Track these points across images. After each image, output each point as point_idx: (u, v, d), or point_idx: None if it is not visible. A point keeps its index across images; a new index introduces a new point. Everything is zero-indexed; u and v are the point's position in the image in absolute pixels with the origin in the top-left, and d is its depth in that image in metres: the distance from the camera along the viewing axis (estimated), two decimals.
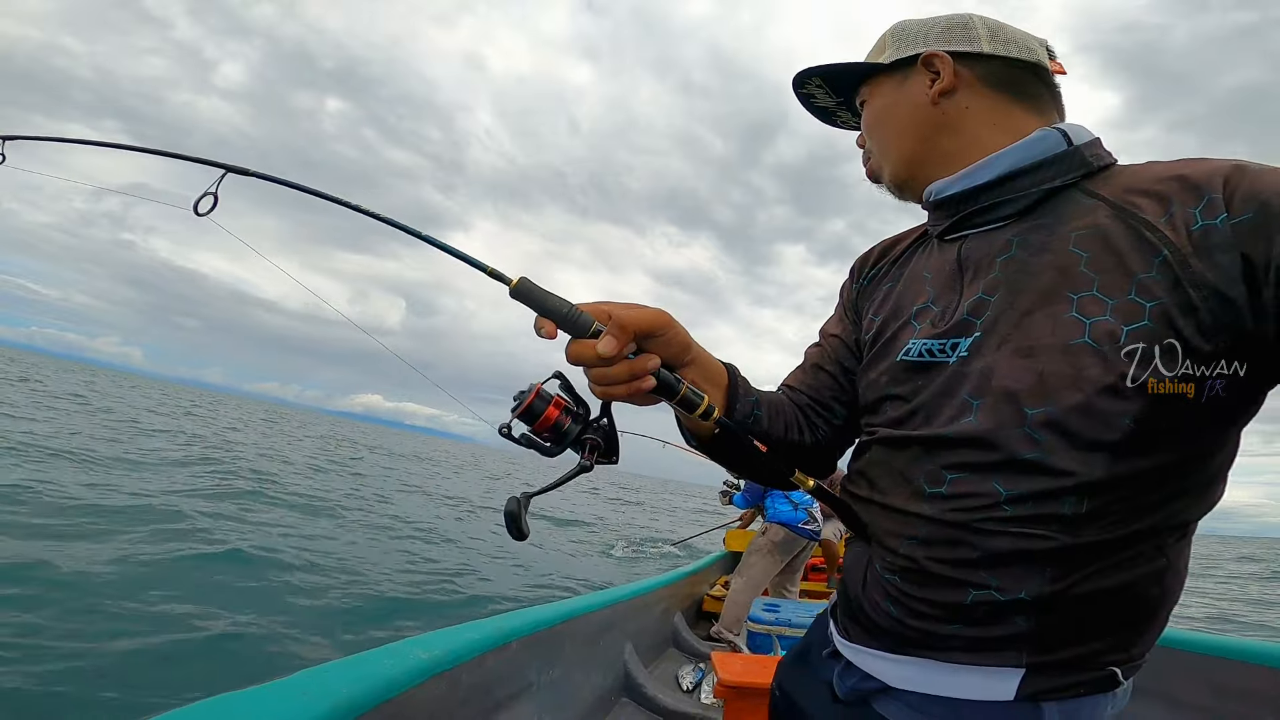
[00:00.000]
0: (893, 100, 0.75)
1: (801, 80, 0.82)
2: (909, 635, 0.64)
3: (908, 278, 0.78)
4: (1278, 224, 0.49)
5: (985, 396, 0.60)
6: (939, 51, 0.70)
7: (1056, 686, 0.58)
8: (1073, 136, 0.65)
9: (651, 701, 2.48)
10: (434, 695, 1.22)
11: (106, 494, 7.32)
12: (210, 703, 0.78)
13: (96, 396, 26.26)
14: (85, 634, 3.70)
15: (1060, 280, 0.59)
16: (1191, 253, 0.52)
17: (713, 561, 4.87)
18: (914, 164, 0.74)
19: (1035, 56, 0.70)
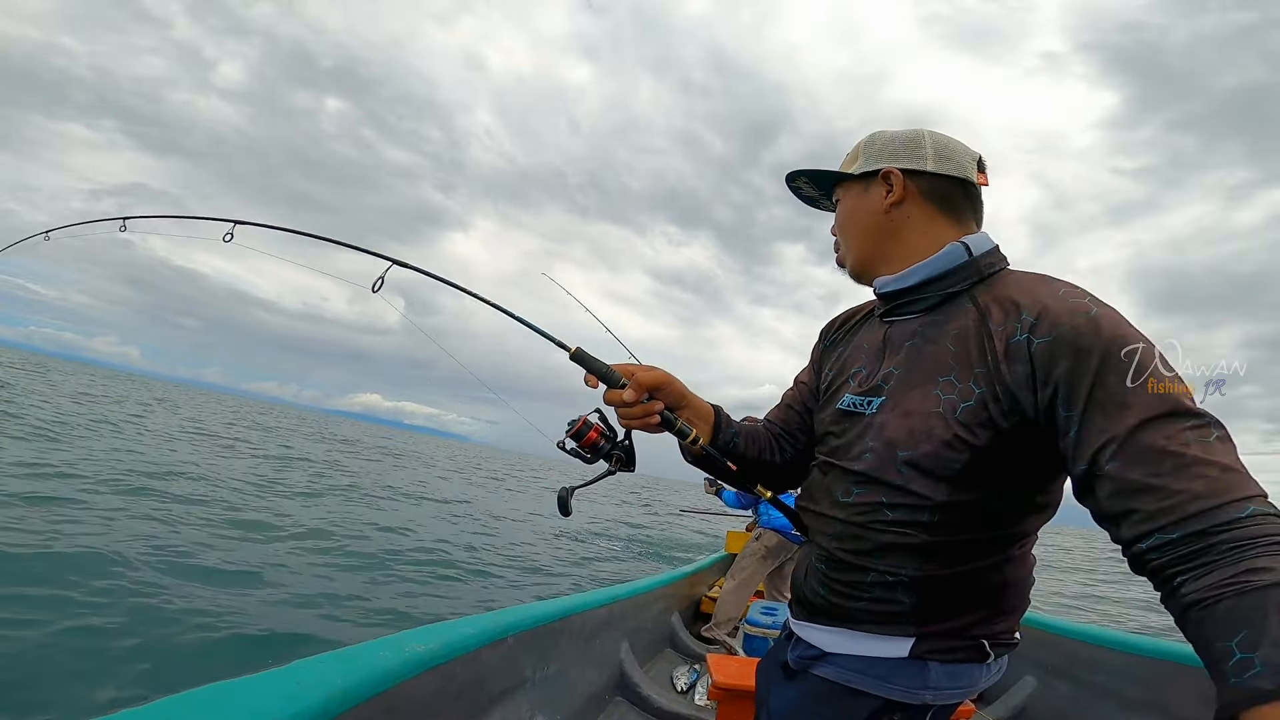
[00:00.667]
0: (856, 205, 0.97)
1: (793, 176, 1.03)
2: (834, 610, 0.89)
3: (854, 345, 1.03)
4: (1059, 353, 0.71)
5: (877, 442, 0.86)
6: (894, 169, 0.91)
7: (939, 649, 0.83)
8: (974, 248, 0.87)
9: (646, 701, 2.48)
10: (428, 688, 1.23)
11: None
12: (203, 691, 0.79)
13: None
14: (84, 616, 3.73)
15: (935, 366, 0.83)
16: (1003, 358, 0.76)
17: (712, 563, 4.87)
18: (866, 262, 0.97)
19: (965, 173, 0.91)
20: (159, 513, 6.55)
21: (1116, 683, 2.11)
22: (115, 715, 0.68)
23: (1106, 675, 2.17)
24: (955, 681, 0.84)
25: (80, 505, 6.13)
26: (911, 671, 0.83)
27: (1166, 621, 3.66)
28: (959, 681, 0.84)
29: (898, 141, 0.93)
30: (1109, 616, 9.94)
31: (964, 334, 0.81)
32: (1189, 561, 0.60)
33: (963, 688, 0.85)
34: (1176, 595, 0.61)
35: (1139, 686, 2.01)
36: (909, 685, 0.83)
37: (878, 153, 0.93)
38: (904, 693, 0.83)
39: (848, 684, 0.86)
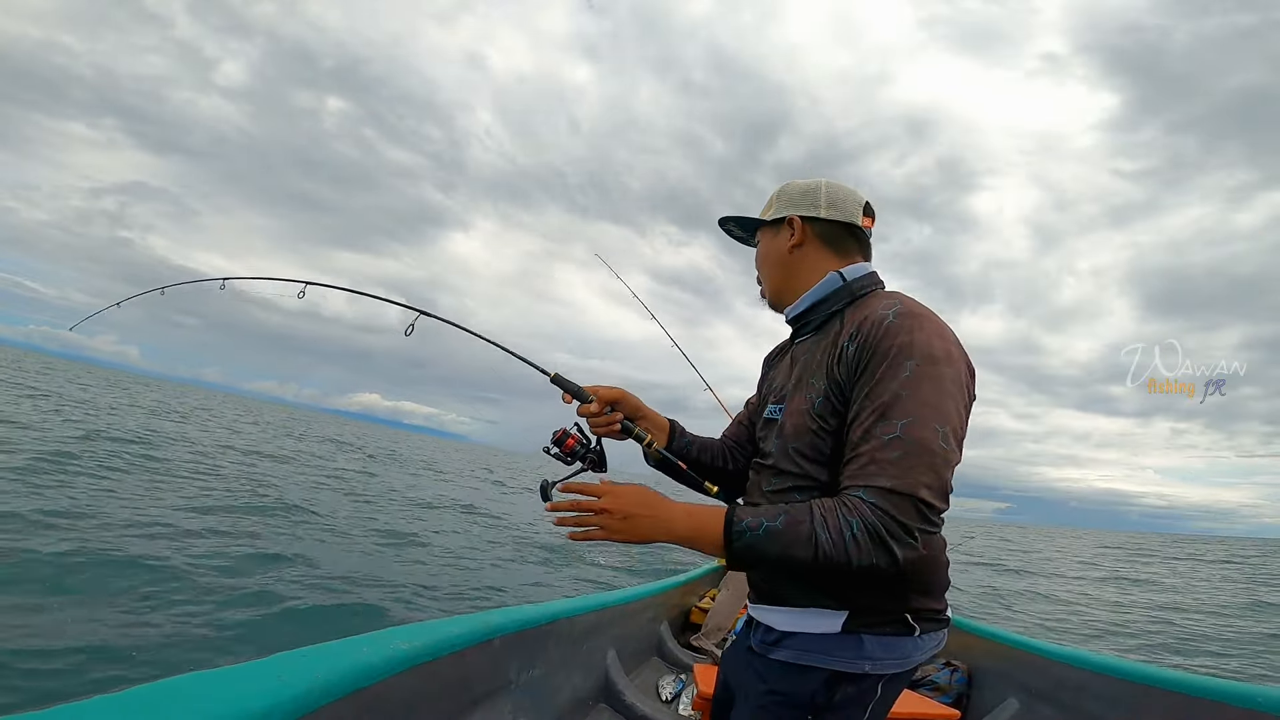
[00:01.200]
0: (770, 247, 1.17)
1: (724, 221, 1.23)
2: (774, 590, 1.04)
3: (778, 367, 1.23)
4: (861, 357, 0.92)
5: (779, 438, 1.07)
6: (794, 216, 1.12)
7: (868, 623, 0.95)
8: (848, 276, 1.08)
9: (629, 709, 2.47)
10: (411, 686, 1.23)
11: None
12: (181, 680, 0.79)
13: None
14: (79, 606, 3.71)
15: (807, 372, 1.04)
16: (836, 360, 0.97)
17: (703, 574, 4.85)
18: (777, 292, 1.17)
19: (851, 218, 1.11)
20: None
21: (1099, 707, 2.10)
22: (91, 700, 0.68)
23: (1090, 699, 2.16)
24: (890, 652, 0.96)
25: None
26: (849, 644, 0.95)
27: (1145, 645, 3.65)
28: (894, 652, 0.96)
29: (800, 192, 1.13)
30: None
31: (827, 344, 1.01)
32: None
33: (898, 658, 0.97)
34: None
35: (1122, 711, 2.00)
36: (848, 656, 0.95)
37: (785, 202, 1.14)
38: (846, 663, 0.95)
39: (798, 662, 0.98)
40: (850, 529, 0.82)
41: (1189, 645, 8.05)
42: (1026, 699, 2.50)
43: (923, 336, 0.90)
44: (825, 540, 0.82)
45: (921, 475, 0.83)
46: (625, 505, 0.92)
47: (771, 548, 0.85)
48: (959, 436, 0.88)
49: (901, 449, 0.84)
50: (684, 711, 2.68)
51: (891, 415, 0.86)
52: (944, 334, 0.93)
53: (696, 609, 4.29)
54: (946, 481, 0.85)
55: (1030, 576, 16.61)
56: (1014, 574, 17.02)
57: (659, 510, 0.92)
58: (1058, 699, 2.33)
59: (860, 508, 0.83)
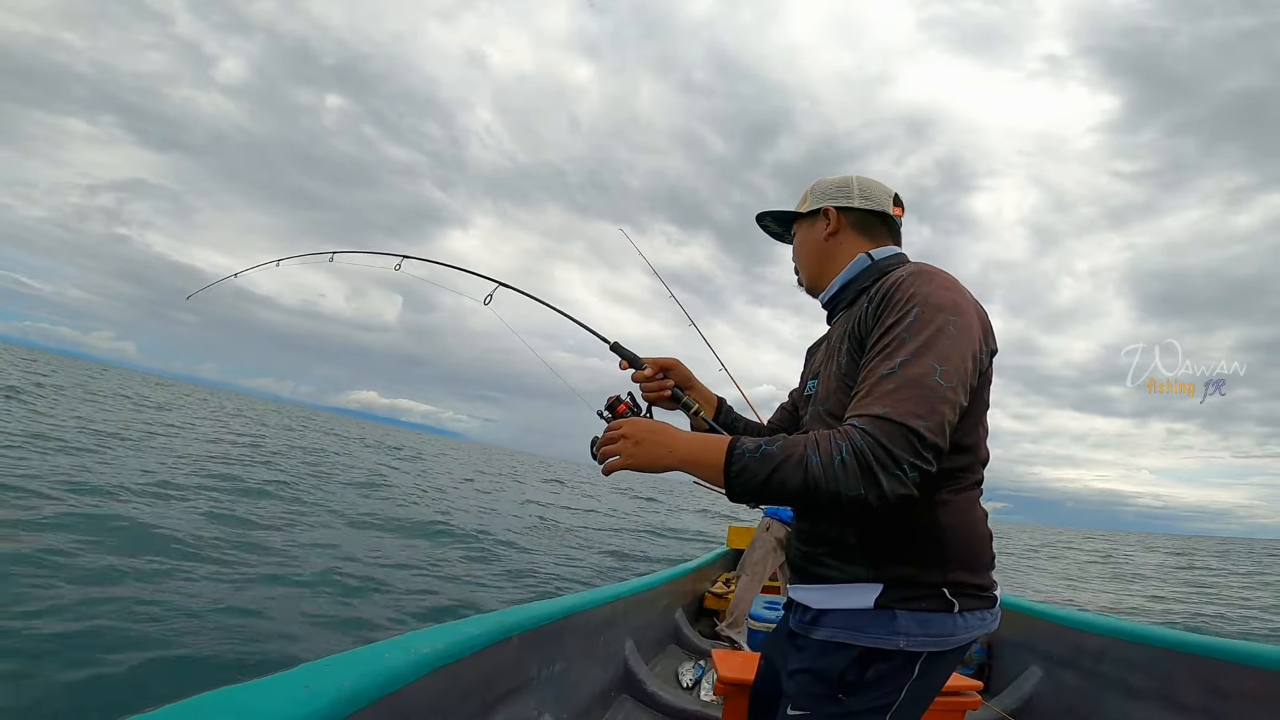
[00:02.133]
0: (806, 237, 1.24)
1: (761, 216, 1.30)
2: (809, 561, 1.06)
3: (818, 351, 1.26)
4: (877, 312, 0.98)
5: (813, 405, 1.14)
6: (829, 207, 1.19)
7: (902, 597, 0.94)
8: (876, 256, 1.14)
9: (652, 698, 2.49)
10: (436, 689, 1.23)
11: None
12: (211, 696, 0.78)
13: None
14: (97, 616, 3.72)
15: (841, 346, 1.07)
16: (858, 324, 1.01)
17: (714, 559, 4.87)
18: (814, 279, 1.23)
19: (883, 207, 1.18)
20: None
21: (1122, 672, 2.11)
22: None
23: (1111, 665, 2.17)
24: (927, 629, 0.93)
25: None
26: (882, 619, 0.94)
27: (1169, 610, 3.67)
28: (931, 629, 0.93)
29: (834, 186, 1.20)
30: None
31: (858, 319, 1.03)
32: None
33: (935, 635, 0.94)
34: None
35: (1144, 675, 2.01)
36: (881, 632, 0.94)
37: (819, 195, 1.21)
38: (878, 639, 0.94)
39: (833, 639, 0.98)
40: (840, 454, 0.82)
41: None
42: (1049, 666, 2.51)
43: (930, 288, 0.95)
44: (815, 464, 0.83)
45: (914, 405, 0.84)
46: (638, 431, 1.01)
47: (764, 469, 0.86)
48: (962, 379, 0.89)
49: (896, 382, 0.86)
50: (705, 697, 2.70)
51: (894, 355, 0.90)
52: (952, 287, 0.97)
53: (710, 594, 4.32)
54: (943, 418, 0.86)
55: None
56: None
57: (666, 436, 1.00)
58: (1079, 665, 2.35)
59: (851, 434, 0.84)
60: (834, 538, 1.01)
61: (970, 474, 1.00)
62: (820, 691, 0.97)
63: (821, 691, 0.97)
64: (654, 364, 1.34)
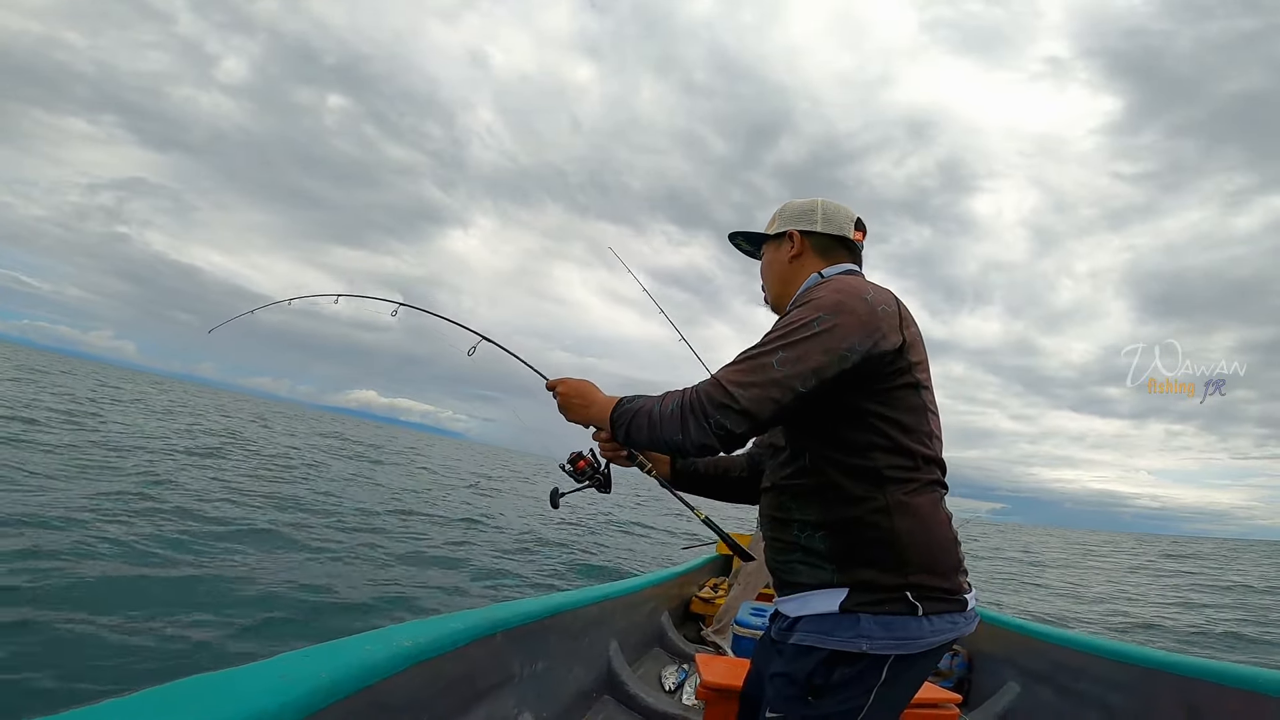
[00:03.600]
0: (773, 258, 1.30)
1: (733, 236, 1.38)
2: (782, 570, 1.11)
3: None
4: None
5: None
6: (794, 231, 1.26)
7: (866, 601, 0.97)
8: (826, 274, 1.18)
9: (633, 700, 2.49)
10: (415, 683, 1.23)
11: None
12: (188, 682, 0.78)
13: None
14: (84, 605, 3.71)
15: None
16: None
17: (703, 563, 4.87)
18: (777, 298, 1.29)
19: (843, 231, 1.24)
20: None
21: (1100, 690, 2.12)
22: (100, 705, 0.68)
23: (1089, 682, 2.18)
24: (890, 632, 0.96)
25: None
26: (846, 623, 0.98)
27: (1148, 630, 3.68)
28: (895, 632, 0.96)
29: (798, 210, 1.27)
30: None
31: None
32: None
33: (900, 638, 0.96)
34: None
35: (1121, 694, 2.02)
36: (846, 635, 0.97)
37: (786, 219, 1.27)
38: (842, 642, 0.97)
39: (804, 643, 1.02)
40: (674, 404, 1.00)
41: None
42: (1027, 682, 2.52)
43: (821, 292, 1.04)
44: (656, 412, 1.03)
45: (740, 376, 0.97)
46: (571, 387, 1.25)
47: (629, 418, 1.08)
48: (806, 370, 0.96)
49: (740, 358, 1.00)
50: (687, 701, 2.70)
51: (758, 343, 1.01)
52: (844, 290, 1.04)
53: (697, 599, 4.32)
54: (765, 394, 0.95)
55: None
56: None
57: (588, 394, 1.23)
58: (1057, 682, 2.36)
59: (688, 390, 1.01)
60: (802, 544, 1.06)
61: (919, 475, 1.03)
62: (793, 694, 1.01)
63: (794, 694, 1.01)
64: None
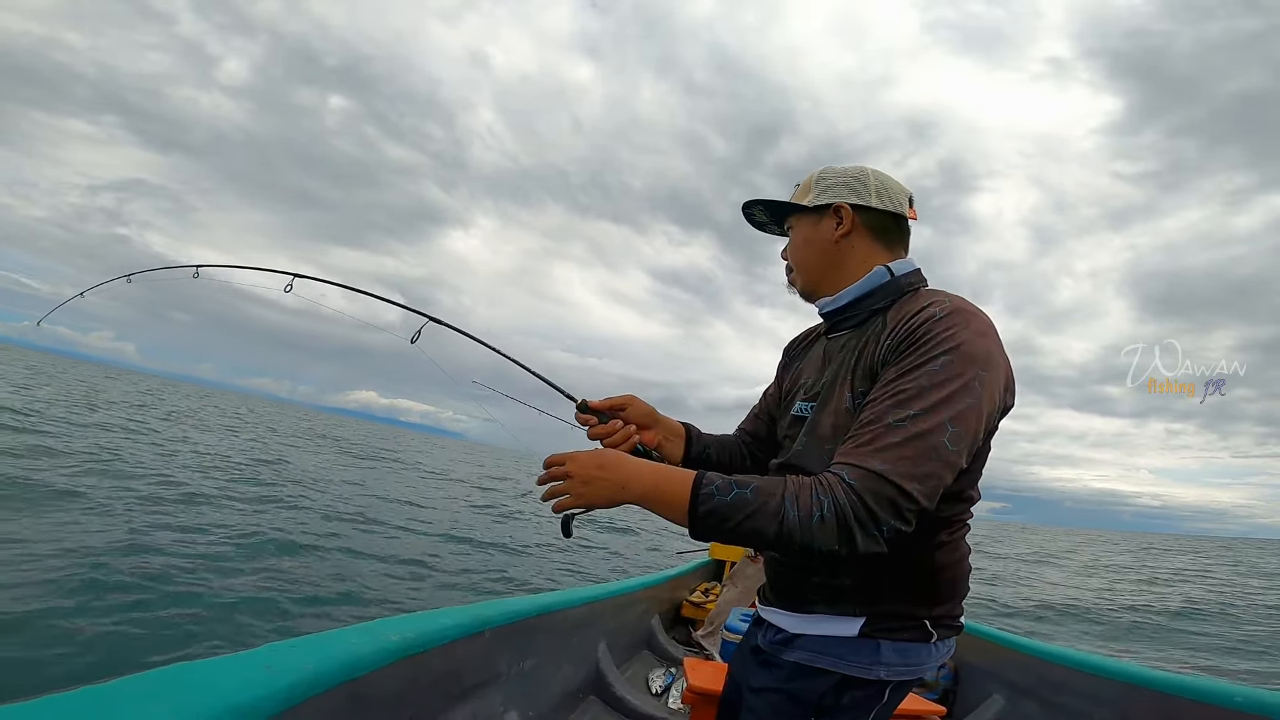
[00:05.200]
0: (811, 235, 1.07)
1: (750, 204, 1.13)
2: (790, 592, 1.02)
3: (807, 360, 1.17)
4: (899, 348, 0.87)
5: (810, 437, 1.01)
6: (844, 204, 1.03)
7: (886, 629, 0.92)
8: (895, 271, 1.01)
9: (619, 702, 2.48)
10: (401, 677, 1.22)
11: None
12: (171, 670, 0.78)
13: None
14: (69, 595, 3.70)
15: (850, 372, 0.97)
16: (879, 360, 0.91)
17: (695, 567, 4.87)
18: (815, 284, 1.09)
19: (900, 209, 1.05)
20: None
21: (1083, 704, 2.13)
22: (77, 691, 0.67)
23: (1073, 696, 2.18)
24: (905, 659, 0.93)
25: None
26: (865, 649, 0.93)
27: (1130, 646, 3.68)
28: (909, 659, 0.93)
29: (846, 178, 1.05)
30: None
31: (868, 342, 0.96)
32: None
33: (912, 664, 0.94)
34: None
35: (1105, 709, 2.03)
36: (864, 662, 0.93)
37: (829, 188, 1.05)
38: (860, 669, 0.93)
39: (812, 664, 0.96)
40: (820, 510, 0.76)
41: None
42: (1011, 695, 2.52)
43: (965, 334, 0.85)
44: (792, 518, 0.77)
45: (914, 467, 0.77)
46: (584, 469, 0.88)
47: (735, 515, 0.79)
48: (971, 442, 0.83)
49: (904, 436, 0.78)
50: (674, 704, 2.70)
51: (909, 404, 0.80)
52: (988, 333, 0.87)
53: (687, 603, 4.31)
54: (940, 483, 0.80)
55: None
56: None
57: (617, 471, 0.87)
58: (1041, 695, 2.36)
59: (835, 489, 0.77)
60: (823, 574, 0.97)
61: (965, 517, 0.97)
62: (792, 712, 0.97)
63: (794, 713, 0.97)
64: (605, 405, 1.18)
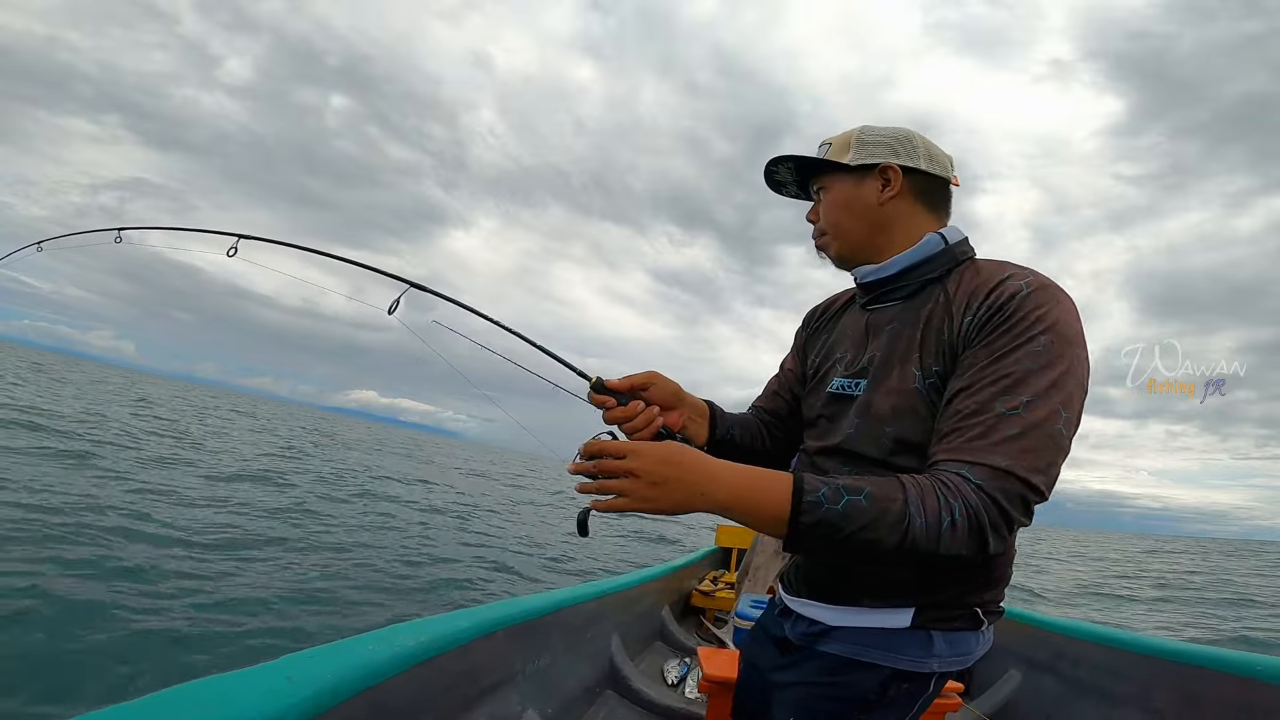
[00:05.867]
0: (852, 196, 0.97)
1: (777, 160, 1.02)
2: (837, 587, 0.92)
3: (838, 331, 1.08)
4: (987, 326, 0.80)
5: (863, 418, 0.91)
6: (894, 165, 0.94)
7: (939, 619, 0.86)
8: (949, 238, 0.94)
9: (636, 694, 2.50)
10: (419, 682, 1.23)
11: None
12: (193, 685, 0.78)
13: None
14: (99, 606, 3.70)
15: (908, 347, 0.89)
16: (959, 337, 0.83)
17: (703, 556, 4.88)
18: (856, 249, 0.99)
19: (947, 173, 0.97)
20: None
21: (1101, 677, 2.14)
22: (102, 711, 0.67)
23: (1090, 670, 2.20)
24: (956, 649, 0.87)
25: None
26: (918, 641, 0.86)
27: (1149, 618, 3.73)
28: (959, 649, 0.88)
29: (894, 139, 0.96)
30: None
31: (931, 316, 0.88)
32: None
33: (962, 654, 0.88)
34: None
35: (1123, 681, 2.04)
36: (917, 655, 0.86)
37: (874, 147, 0.95)
38: (912, 662, 0.86)
39: (857, 657, 0.88)
40: (951, 514, 0.70)
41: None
42: (1029, 670, 2.54)
43: (1060, 311, 0.79)
44: (919, 525, 0.69)
45: (1038, 459, 0.73)
46: (656, 466, 0.73)
47: (849, 526, 0.70)
48: (1077, 428, 0.78)
49: (1022, 427, 0.73)
50: (690, 694, 2.71)
51: (1017, 390, 0.74)
52: (1075, 313, 0.82)
53: (697, 592, 4.33)
54: (1059, 472, 0.76)
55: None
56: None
57: (698, 472, 0.74)
58: (1059, 670, 2.37)
59: (963, 489, 0.71)
60: (881, 571, 0.88)
61: None
62: (834, 710, 0.90)
63: (836, 710, 0.90)
64: (625, 384, 1.00)
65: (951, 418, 0.78)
